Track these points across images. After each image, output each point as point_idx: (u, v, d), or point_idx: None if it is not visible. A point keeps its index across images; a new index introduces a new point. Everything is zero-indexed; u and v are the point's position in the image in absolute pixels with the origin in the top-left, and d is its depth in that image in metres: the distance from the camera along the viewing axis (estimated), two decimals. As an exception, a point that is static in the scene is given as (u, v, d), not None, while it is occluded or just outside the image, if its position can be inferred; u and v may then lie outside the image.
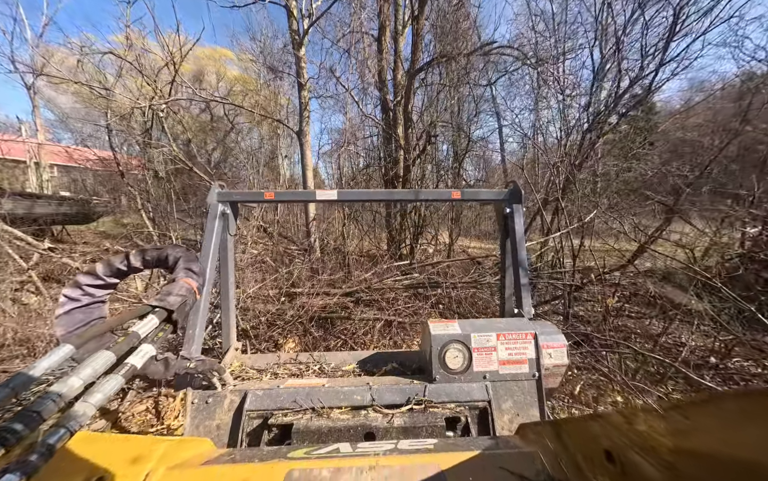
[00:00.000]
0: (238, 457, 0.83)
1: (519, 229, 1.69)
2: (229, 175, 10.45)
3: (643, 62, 4.77)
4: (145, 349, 0.77)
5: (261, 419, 1.22)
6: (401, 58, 8.80)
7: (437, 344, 1.34)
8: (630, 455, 0.52)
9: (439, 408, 1.25)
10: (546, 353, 1.33)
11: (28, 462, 0.47)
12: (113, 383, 0.65)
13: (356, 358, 1.62)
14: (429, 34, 8.60)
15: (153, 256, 1.13)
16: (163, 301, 0.91)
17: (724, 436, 0.38)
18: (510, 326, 1.41)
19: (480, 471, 0.71)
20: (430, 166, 8.45)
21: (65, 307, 1.04)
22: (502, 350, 1.34)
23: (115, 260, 1.10)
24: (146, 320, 0.85)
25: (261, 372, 1.53)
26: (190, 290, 1.02)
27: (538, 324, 1.43)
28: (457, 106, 8.32)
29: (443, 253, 7.86)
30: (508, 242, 1.76)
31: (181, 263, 1.11)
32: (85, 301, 1.07)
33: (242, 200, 1.84)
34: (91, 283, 1.09)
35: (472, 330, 1.37)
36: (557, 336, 1.36)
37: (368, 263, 5.52)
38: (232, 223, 1.72)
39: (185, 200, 6.27)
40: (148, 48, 5.55)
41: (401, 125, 8.62)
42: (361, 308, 4.04)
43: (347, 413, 1.22)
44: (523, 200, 1.73)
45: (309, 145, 5.66)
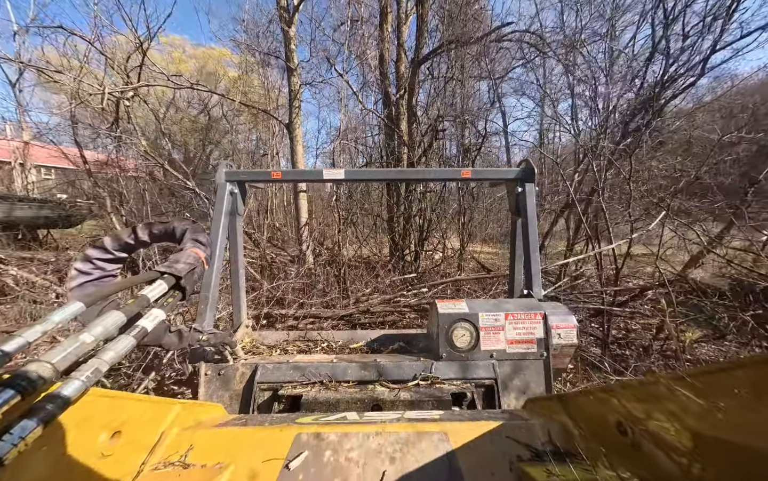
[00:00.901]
0: (249, 421, 0.87)
1: (531, 208, 1.64)
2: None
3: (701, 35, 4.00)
4: (155, 313, 0.79)
5: (271, 391, 1.24)
6: (404, 48, 8.10)
7: (445, 323, 1.33)
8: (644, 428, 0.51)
9: (446, 385, 1.25)
10: (555, 333, 1.32)
11: (45, 410, 0.48)
12: (125, 342, 0.68)
13: (364, 337, 1.63)
14: (434, 20, 7.94)
15: (160, 229, 1.13)
16: (171, 267, 0.92)
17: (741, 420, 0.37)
18: (519, 306, 1.40)
19: (486, 440, 0.72)
20: (436, 164, 7.70)
21: (77, 280, 1.03)
22: (511, 329, 1.34)
23: (123, 234, 1.11)
24: (155, 284, 0.85)
25: (271, 348, 1.57)
26: (198, 258, 1.02)
27: (548, 304, 1.41)
28: (464, 98, 7.56)
29: (451, 259, 7.08)
30: (519, 222, 1.71)
31: (188, 234, 1.11)
32: (97, 274, 1.06)
33: (250, 180, 1.82)
34: (100, 256, 1.07)
35: (481, 309, 1.36)
36: (568, 317, 1.34)
37: (368, 274, 4.76)
38: (240, 203, 1.72)
39: (160, 202, 5.54)
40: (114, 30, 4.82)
41: (404, 120, 7.92)
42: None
43: (354, 387, 1.23)
44: (536, 179, 1.66)
45: (300, 140, 4.91)
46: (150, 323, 0.75)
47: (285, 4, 4.52)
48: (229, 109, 11.54)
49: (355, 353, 1.52)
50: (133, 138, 4.55)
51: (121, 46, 5.61)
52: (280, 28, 4.39)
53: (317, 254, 4.48)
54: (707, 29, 4.01)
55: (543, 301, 1.48)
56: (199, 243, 1.08)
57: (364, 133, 8.50)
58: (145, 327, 0.73)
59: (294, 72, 4.68)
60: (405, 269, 6.14)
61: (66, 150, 5.98)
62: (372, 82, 8.49)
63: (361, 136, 8.29)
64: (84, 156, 5.25)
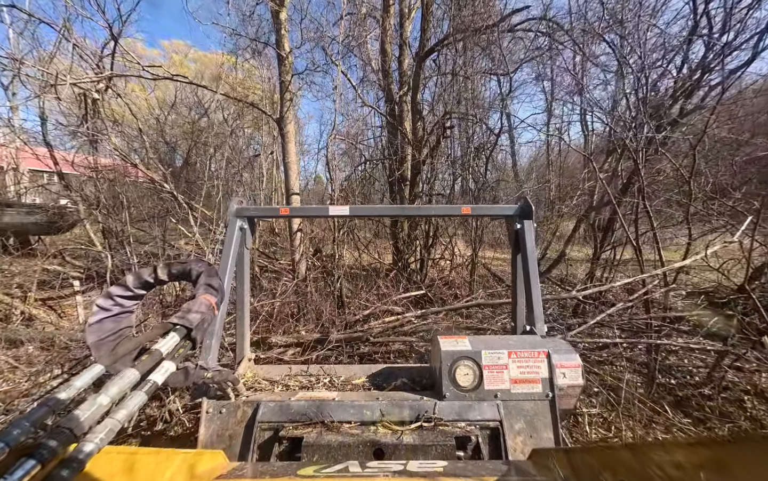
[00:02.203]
0: (249, 472, 0.90)
1: (530, 244, 1.66)
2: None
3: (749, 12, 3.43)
4: (166, 365, 0.83)
5: (272, 431, 1.24)
6: (408, 43, 7.59)
7: (447, 360, 1.31)
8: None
9: (449, 427, 1.22)
10: (560, 373, 1.28)
11: (60, 477, 0.51)
12: (137, 399, 0.71)
13: (366, 371, 1.61)
14: (440, 11, 7.43)
15: (178, 269, 1.19)
16: (184, 318, 0.96)
17: None
18: (522, 343, 1.36)
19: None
20: (444, 165, 7.15)
21: (97, 316, 1.09)
22: (514, 368, 1.30)
23: (144, 273, 1.16)
24: (168, 337, 0.90)
25: (273, 383, 1.55)
26: (210, 306, 1.07)
27: (551, 342, 1.37)
28: (473, 93, 7.00)
29: (459, 268, 6.48)
30: (519, 257, 1.72)
31: (203, 278, 1.15)
32: (116, 311, 1.12)
33: (259, 216, 1.89)
34: (122, 294, 1.13)
35: (483, 347, 1.32)
36: (571, 355, 1.31)
37: (368, 287, 4.18)
38: (248, 237, 1.78)
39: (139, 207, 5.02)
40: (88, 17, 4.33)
41: (408, 118, 7.38)
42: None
43: (356, 428, 1.22)
44: (534, 216, 1.69)
45: (292, 137, 4.38)
46: (161, 376, 0.79)
47: (275, -15, 4.00)
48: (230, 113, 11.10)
49: (357, 390, 1.48)
50: (101, 135, 4.03)
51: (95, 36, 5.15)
52: (269, 9, 3.86)
53: (309, 267, 3.90)
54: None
55: (546, 338, 1.46)
56: (211, 288, 1.13)
57: (365, 132, 7.99)
58: (156, 381, 0.77)
59: (285, 60, 4.16)
60: (410, 278, 5.56)
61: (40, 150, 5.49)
62: (373, 79, 8.00)
63: (362, 136, 7.77)
64: (54, 156, 4.76)
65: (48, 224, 10.29)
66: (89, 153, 4.37)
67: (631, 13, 3.83)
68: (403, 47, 7.46)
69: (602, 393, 2.66)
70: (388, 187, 7.47)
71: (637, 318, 3.17)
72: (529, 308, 1.61)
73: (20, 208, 9.87)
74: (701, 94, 3.75)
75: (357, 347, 2.76)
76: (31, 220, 10.21)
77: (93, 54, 4.36)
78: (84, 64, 4.46)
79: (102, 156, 4.40)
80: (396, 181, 6.46)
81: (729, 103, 3.70)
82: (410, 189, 6.84)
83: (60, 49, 4.38)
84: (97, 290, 5.01)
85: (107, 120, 3.91)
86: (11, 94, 11.27)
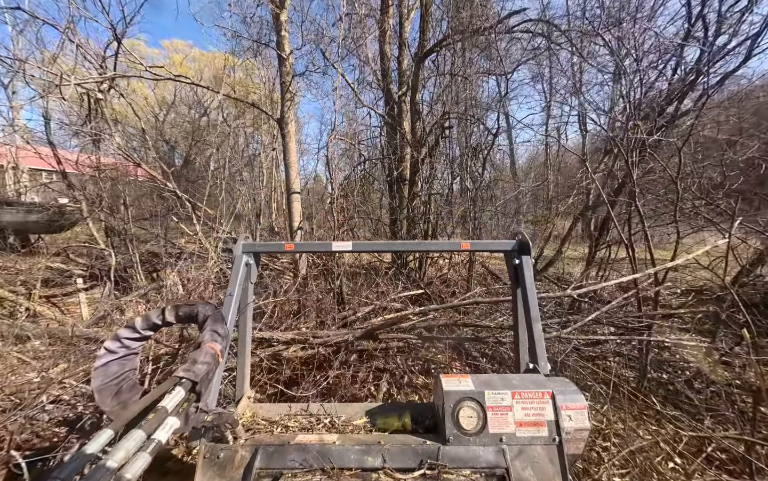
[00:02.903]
0: None
1: (529, 280, 1.64)
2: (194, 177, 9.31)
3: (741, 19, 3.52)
4: (170, 423, 0.84)
5: (271, 478, 1.20)
6: (407, 44, 7.65)
7: (450, 402, 1.27)
8: None
9: (453, 475, 1.17)
10: (565, 415, 1.22)
11: None
12: (142, 460, 0.72)
13: (367, 410, 1.56)
14: (439, 12, 7.49)
15: (185, 311, 1.23)
16: (190, 371, 0.99)
17: None
18: (525, 383, 1.33)
19: None
20: (442, 165, 7.23)
21: (103, 359, 1.12)
22: (519, 409, 1.25)
23: (152, 315, 1.21)
24: (174, 392, 0.92)
25: (272, 424, 1.52)
26: (215, 355, 1.10)
27: (555, 381, 1.34)
28: (471, 93, 7.07)
29: (457, 266, 6.56)
30: (519, 292, 1.69)
31: (209, 323, 1.19)
32: (121, 353, 1.15)
33: (264, 251, 1.94)
34: (129, 336, 1.17)
35: (486, 387, 1.29)
36: (576, 396, 1.26)
37: (368, 285, 4.26)
38: (253, 272, 1.80)
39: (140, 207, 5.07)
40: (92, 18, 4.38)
41: (407, 119, 7.45)
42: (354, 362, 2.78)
43: (358, 476, 1.19)
44: (532, 252, 1.69)
45: (293, 137, 4.44)
46: (165, 434, 0.80)
47: (276, -13, 4.06)
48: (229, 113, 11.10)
49: (359, 431, 1.46)
50: (105, 134, 4.08)
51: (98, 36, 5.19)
52: (270, 10, 3.92)
53: (310, 265, 3.98)
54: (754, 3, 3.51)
55: (550, 376, 1.43)
56: (217, 335, 1.16)
57: (365, 132, 8.05)
58: (160, 440, 0.77)
59: (286, 61, 4.22)
60: (409, 276, 5.63)
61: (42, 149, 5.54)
62: (372, 79, 8.05)
63: (362, 135, 7.83)
64: (57, 156, 4.81)
65: (48, 223, 10.34)
66: (92, 152, 4.42)
67: (629, 16, 3.91)
68: (402, 47, 7.51)
69: (595, 386, 2.74)
70: (387, 187, 7.55)
71: (630, 315, 3.26)
72: (531, 345, 1.58)
73: (20, 207, 9.91)
74: (695, 96, 3.84)
75: (357, 345, 2.83)
76: (31, 219, 10.26)
77: (96, 55, 4.41)
78: (87, 64, 4.53)
79: (104, 155, 4.45)
80: (395, 180, 6.52)
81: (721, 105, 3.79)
82: (409, 188, 6.91)
83: (63, 49, 4.43)
84: (100, 287, 5.09)
85: (110, 120, 3.96)
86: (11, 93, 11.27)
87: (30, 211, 10.10)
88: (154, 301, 4.33)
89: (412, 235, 6.17)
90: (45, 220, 10.40)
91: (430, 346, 3.10)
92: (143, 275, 5.19)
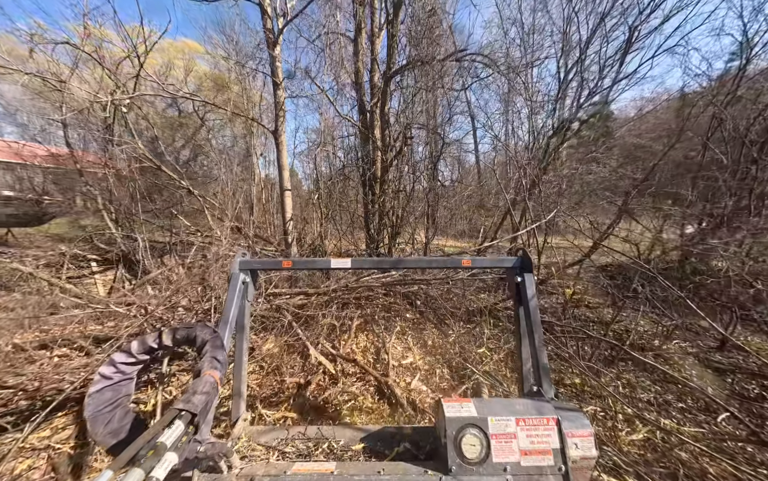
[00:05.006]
0: None
1: (532, 298, 1.61)
2: (200, 174, 10.04)
3: (602, 74, 5.22)
4: (169, 458, 0.82)
5: None
6: (378, 61, 8.93)
7: (452, 428, 1.23)
8: None
9: None
10: (571, 443, 1.20)
11: None
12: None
13: (366, 433, 1.55)
14: (405, 38, 8.84)
15: (183, 335, 1.22)
16: (189, 403, 0.97)
17: None
18: (529, 408, 1.29)
19: None
20: (407, 167, 8.63)
21: (97, 385, 1.11)
22: (523, 437, 1.21)
23: (149, 339, 1.19)
24: (173, 427, 0.90)
25: (269, 450, 1.48)
26: (214, 384, 1.07)
27: (560, 407, 1.31)
28: (433, 108, 8.58)
29: (420, 252, 8.07)
30: (521, 310, 1.66)
31: (208, 349, 1.17)
32: (116, 378, 1.15)
33: (262, 268, 1.89)
34: (124, 360, 1.17)
35: (489, 412, 1.26)
36: (582, 422, 1.23)
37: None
38: (251, 290, 1.78)
39: (150, 200, 5.98)
40: (109, 38, 5.24)
41: (378, 127, 8.76)
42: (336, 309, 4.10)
43: None
44: (534, 269, 1.69)
45: (284, 145, 5.61)
46: (163, 471, 0.78)
47: (270, 26, 5.18)
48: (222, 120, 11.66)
49: (358, 457, 1.43)
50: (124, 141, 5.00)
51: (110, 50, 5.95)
52: (267, 51, 5.05)
53: (302, 246, 5.22)
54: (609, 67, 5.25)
55: (554, 401, 1.39)
56: (216, 362, 1.13)
57: (341, 138, 9.24)
58: (158, 478, 0.76)
59: (279, 86, 5.36)
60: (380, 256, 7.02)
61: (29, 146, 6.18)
62: (348, 92, 9.25)
63: (339, 141, 9.02)
64: (75, 157, 5.58)
65: (24, 216, 10.47)
66: (110, 156, 5.29)
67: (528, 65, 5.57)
68: (374, 63, 8.79)
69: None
70: (362, 185, 8.84)
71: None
72: (534, 367, 1.55)
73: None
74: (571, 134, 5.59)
75: (339, 295, 4.15)
76: (5, 212, 10.36)
77: (111, 70, 5.25)
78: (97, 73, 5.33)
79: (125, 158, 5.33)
80: (367, 181, 7.84)
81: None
82: (380, 187, 8.27)
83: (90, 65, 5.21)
84: (113, 270, 5.89)
85: (133, 129, 4.88)
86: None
87: (6, 204, 10.22)
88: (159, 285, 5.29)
89: (381, 224, 7.52)
90: (21, 213, 10.54)
91: (388, 295, 4.52)
92: (151, 260, 6.08)
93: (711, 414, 2.63)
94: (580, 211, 4.81)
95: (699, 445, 2.15)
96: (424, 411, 2.50)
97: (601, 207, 5.66)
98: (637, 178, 4.86)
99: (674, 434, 2.30)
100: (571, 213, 4.75)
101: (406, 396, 2.64)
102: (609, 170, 5.93)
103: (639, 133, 7.94)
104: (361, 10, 7.29)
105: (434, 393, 2.78)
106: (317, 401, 2.67)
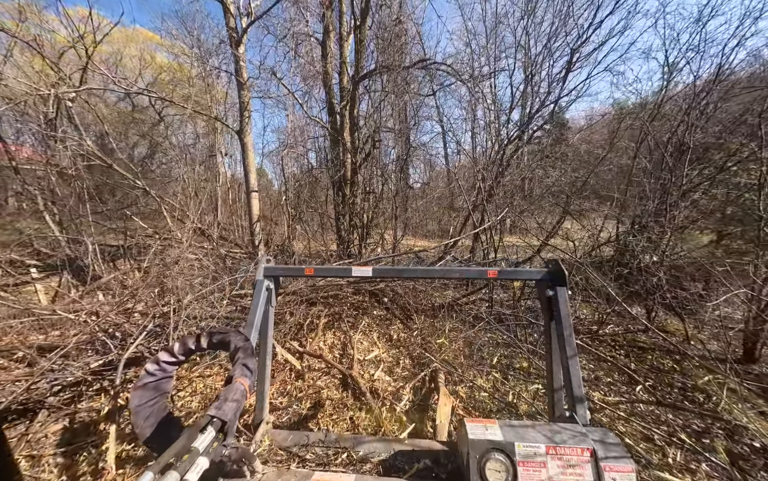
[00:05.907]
0: None
1: (565, 313, 1.48)
2: (158, 173, 9.48)
3: (549, 89, 5.77)
4: (201, 463, 0.86)
5: None
6: (347, 63, 9.04)
7: (476, 452, 1.15)
8: None
9: None
10: (609, 477, 1.08)
11: None
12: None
13: (385, 445, 1.52)
14: (372, 43, 9.04)
15: (218, 339, 1.29)
16: (221, 410, 1.02)
17: None
18: (561, 435, 1.19)
19: None
20: (376, 169, 8.82)
21: (143, 380, 1.21)
22: (554, 466, 1.11)
23: (188, 340, 1.29)
24: (206, 433, 0.95)
25: (290, 455, 1.50)
26: (244, 392, 1.12)
27: (596, 434, 1.21)
28: (402, 112, 8.85)
29: (389, 252, 8.27)
30: (553, 326, 1.55)
31: (240, 356, 1.22)
32: (159, 375, 1.24)
33: (285, 275, 1.94)
34: (167, 360, 1.26)
35: (516, 437, 1.17)
36: (624, 458, 1.10)
37: (316, 263, 5.60)
38: (274, 296, 1.83)
39: (101, 200, 5.58)
40: (49, 26, 4.84)
41: (347, 129, 8.85)
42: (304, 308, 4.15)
43: None
44: (568, 282, 1.54)
45: (251, 145, 5.53)
46: (195, 475, 0.82)
47: (234, 25, 5.10)
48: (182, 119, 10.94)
49: (376, 470, 1.40)
50: (68, 137, 4.67)
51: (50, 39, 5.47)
52: (230, 50, 4.97)
53: (269, 248, 5.17)
54: (555, 83, 5.82)
55: (589, 427, 1.27)
56: (247, 370, 1.17)
57: (311, 139, 9.21)
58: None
59: (244, 85, 5.28)
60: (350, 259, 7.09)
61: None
62: (317, 93, 9.24)
63: (309, 142, 8.99)
64: (9, 152, 5.07)
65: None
66: (53, 153, 4.88)
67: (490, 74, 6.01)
68: (343, 66, 8.88)
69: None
70: (332, 186, 8.87)
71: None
72: (567, 389, 1.43)
73: None
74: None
75: (307, 294, 4.20)
76: None
77: (52, 60, 4.85)
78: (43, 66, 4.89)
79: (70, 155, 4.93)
80: (337, 182, 7.90)
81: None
82: (350, 188, 8.36)
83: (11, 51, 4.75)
84: (58, 276, 5.38)
85: (76, 121, 4.55)
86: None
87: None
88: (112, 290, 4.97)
89: (351, 225, 7.62)
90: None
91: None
92: (102, 265, 5.65)
93: (632, 386, 3.08)
94: (530, 213, 5.29)
95: (616, 410, 2.53)
96: (385, 399, 2.67)
97: (552, 208, 6.25)
98: (575, 184, 5.44)
99: (597, 403, 2.68)
100: (521, 215, 5.22)
101: (369, 386, 2.79)
102: (558, 174, 6.54)
103: (590, 141, 8.83)
104: (329, 13, 7.34)
105: (395, 382, 2.96)
106: (282, 397, 2.73)
